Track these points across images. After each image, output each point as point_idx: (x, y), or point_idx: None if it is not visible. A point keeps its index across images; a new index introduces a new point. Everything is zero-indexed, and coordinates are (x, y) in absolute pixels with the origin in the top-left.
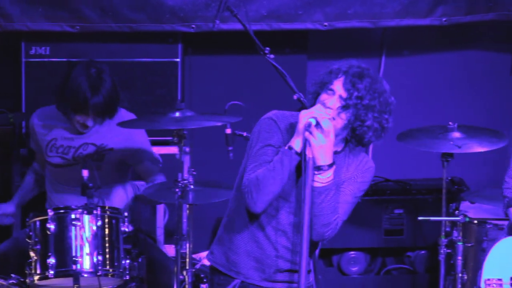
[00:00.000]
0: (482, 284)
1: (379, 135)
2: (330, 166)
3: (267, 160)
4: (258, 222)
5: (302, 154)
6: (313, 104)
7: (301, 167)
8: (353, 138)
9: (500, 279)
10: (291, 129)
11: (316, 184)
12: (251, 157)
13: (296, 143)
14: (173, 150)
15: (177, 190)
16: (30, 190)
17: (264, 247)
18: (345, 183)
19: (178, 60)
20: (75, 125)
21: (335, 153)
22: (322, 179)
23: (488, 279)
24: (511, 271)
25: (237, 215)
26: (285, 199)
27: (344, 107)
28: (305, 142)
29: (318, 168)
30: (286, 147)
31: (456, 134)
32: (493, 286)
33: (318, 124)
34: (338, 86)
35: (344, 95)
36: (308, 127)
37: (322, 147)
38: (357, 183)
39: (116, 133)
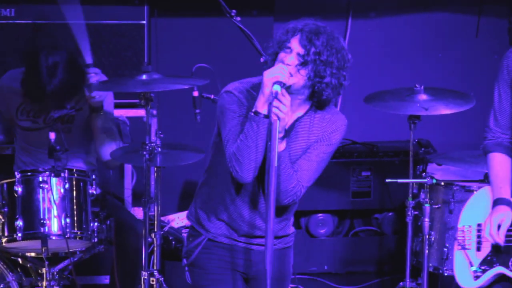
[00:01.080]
0: (458, 233)
1: (337, 92)
2: (282, 138)
3: (241, 130)
4: (228, 186)
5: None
6: (272, 65)
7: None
8: (315, 98)
9: (470, 226)
10: (250, 96)
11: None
12: (227, 132)
13: (260, 106)
14: (140, 113)
15: (144, 153)
16: None
17: (232, 210)
18: (313, 145)
19: (144, 22)
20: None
21: (299, 119)
22: (283, 144)
23: (461, 227)
24: (480, 218)
25: (209, 176)
26: None
27: (303, 64)
28: (270, 105)
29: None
30: (252, 113)
31: (423, 96)
32: (463, 233)
33: (284, 85)
34: (295, 43)
35: (302, 51)
36: (276, 95)
37: (286, 114)
38: (324, 145)
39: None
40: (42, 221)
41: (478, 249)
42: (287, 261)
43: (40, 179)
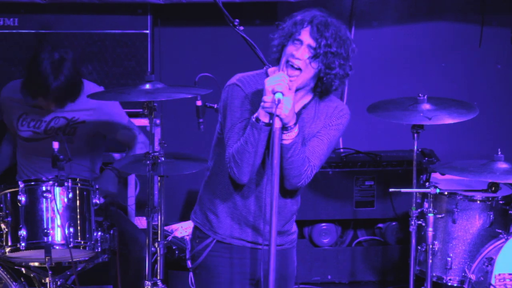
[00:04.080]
0: (493, 280)
1: (343, 82)
2: (295, 124)
3: (243, 126)
4: (235, 184)
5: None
6: (279, 57)
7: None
8: (319, 88)
9: (510, 274)
10: (257, 91)
11: (284, 142)
12: (228, 128)
13: (263, 115)
14: (143, 122)
15: (148, 162)
16: (6, 158)
17: (241, 209)
18: (321, 130)
19: (147, 31)
20: (37, 110)
21: (305, 106)
22: (290, 135)
23: (499, 274)
24: None
25: (215, 176)
26: (263, 163)
27: (314, 56)
28: (272, 114)
29: (286, 129)
30: (254, 119)
31: (426, 106)
32: (504, 281)
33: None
34: (305, 36)
35: (313, 44)
36: (278, 103)
37: (290, 112)
38: (332, 130)
39: (87, 106)
40: (45, 230)
41: None
42: (291, 260)
43: (44, 188)
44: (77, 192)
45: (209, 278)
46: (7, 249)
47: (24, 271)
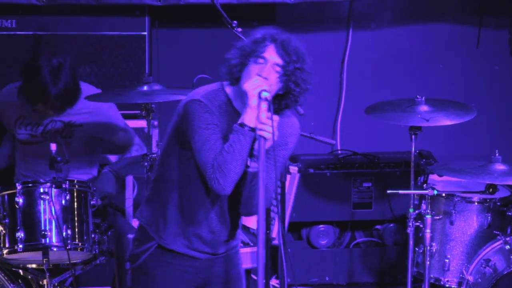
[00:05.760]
0: None
1: (302, 96)
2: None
3: (218, 138)
4: (187, 192)
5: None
6: (237, 79)
7: None
8: (278, 104)
9: None
10: (219, 106)
11: (250, 170)
12: (202, 143)
13: (248, 119)
14: (141, 123)
15: (145, 163)
16: (5, 158)
17: (189, 216)
18: (271, 150)
19: (145, 33)
20: (35, 114)
21: None
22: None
23: None
24: None
25: (164, 184)
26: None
27: (284, 74)
28: (257, 117)
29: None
30: (238, 125)
31: (424, 107)
32: None
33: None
34: (270, 53)
35: (280, 62)
36: (267, 100)
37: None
38: (282, 150)
39: (84, 109)
40: (43, 232)
41: None
42: (236, 263)
43: (41, 190)
44: (75, 194)
45: (147, 283)
46: (5, 251)
47: (21, 273)
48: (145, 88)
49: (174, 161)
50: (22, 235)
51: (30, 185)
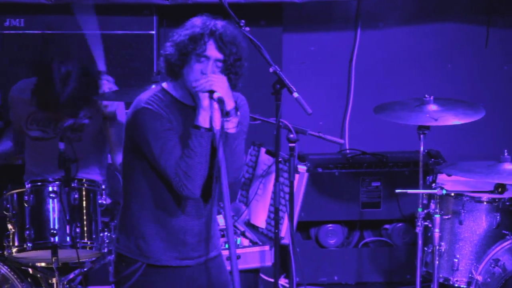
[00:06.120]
0: None
1: (243, 77)
2: (235, 109)
3: (176, 143)
4: (161, 205)
5: (212, 128)
6: (178, 75)
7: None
8: None
9: None
10: (163, 105)
11: (230, 131)
12: (159, 152)
13: (203, 120)
14: None
15: None
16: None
17: (169, 226)
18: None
19: (153, 32)
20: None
21: None
22: (234, 122)
23: None
24: None
25: (133, 202)
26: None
27: (225, 69)
28: (211, 116)
29: (228, 115)
30: (193, 128)
31: (433, 107)
32: None
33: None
34: (211, 51)
35: (220, 57)
36: (222, 101)
37: (230, 98)
38: (244, 118)
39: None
40: (52, 231)
41: None
42: (224, 267)
43: (50, 189)
44: (84, 192)
45: None
46: (14, 250)
47: (31, 271)
48: (153, 87)
49: (138, 175)
50: (31, 233)
51: (39, 183)
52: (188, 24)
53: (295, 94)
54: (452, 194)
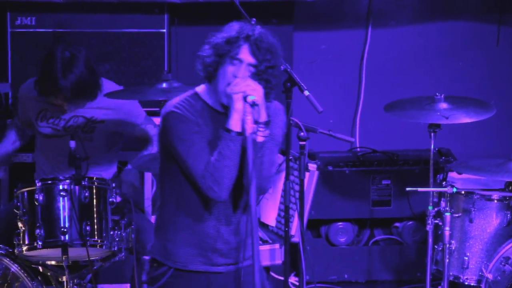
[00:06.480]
0: None
1: (275, 89)
2: (265, 121)
3: (203, 147)
4: (191, 211)
5: (243, 132)
6: (213, 75)
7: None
8: None
9: None
10: (196, 112)
11: (258, 139)
12: (186, 156)
13: (234, 124)
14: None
15: None
16: (11, 142)
17: (198, 231)
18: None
19: (164, 30)
20: (56, 108)
21: None
22: (262, 133)
23: None
24: None
25: (166, 205)
26: None
27: (256, 74)
28: (243, 120)
29: (258, 123)
30: (224, 131)
31: (443, 105)
32: None
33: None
34: (245, 54)
35: (253, 61)
36: (255, 105)
37: (263, 108)
38: (275, 128)
39: (106, 105)
40: (62, 229)
41: None
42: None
43: (61, 187)
44: (94, 191)
45: None
46: (24, 248)
47: (41, 270)
48: (164, 85)
49: (170, 179)
50: (42, 232)
51: (49, 182)
52: (226, 27)
53: (306, 92)
54: (463, 192)
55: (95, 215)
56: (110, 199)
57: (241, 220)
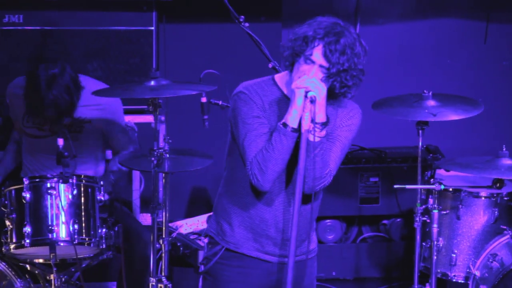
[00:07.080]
0: None
1: (358, 86)
2: (324, 122)
3: (261, 133)
4: (249, 194)
5: (299, 131)
6: (290, 69)
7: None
8: (331, 96)
9: None
10: (266, 98)
11: (311, 138)
12: (243, 138)
13: (292, 119)
14: (148, 119)
15: (152, 158)
16: (12, 161)
17: (254, 216)
18: (333, 133)
19: (152, 28)
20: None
21: None
22: (320, 132)
23: None
24: None
25: (229, 186)
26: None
27: (328, 77)
28: (301, 117)
29: (314, 122)
30: (281, 124)
31: (431, 102)
32: None
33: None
34: (317, 56)
35: (325, 64)
36: (314, 101)
37: (322, 109)
38: (343, 131)
39: (93, 105)
40: (50, 227)
41: None
42: (313, 273)
43: (48, 185)
44: (82, 189)
45: (215, 285)
46: (12, 246)
47: (28, 268)
48: (152, 83)
49: (234, 161)
50: (29, 230)
51: (37, 180)
52: (311, 21)
53: None
54: (450, 189)
55: (83, 213)
56: (98, 197)
57: (300, 215)
